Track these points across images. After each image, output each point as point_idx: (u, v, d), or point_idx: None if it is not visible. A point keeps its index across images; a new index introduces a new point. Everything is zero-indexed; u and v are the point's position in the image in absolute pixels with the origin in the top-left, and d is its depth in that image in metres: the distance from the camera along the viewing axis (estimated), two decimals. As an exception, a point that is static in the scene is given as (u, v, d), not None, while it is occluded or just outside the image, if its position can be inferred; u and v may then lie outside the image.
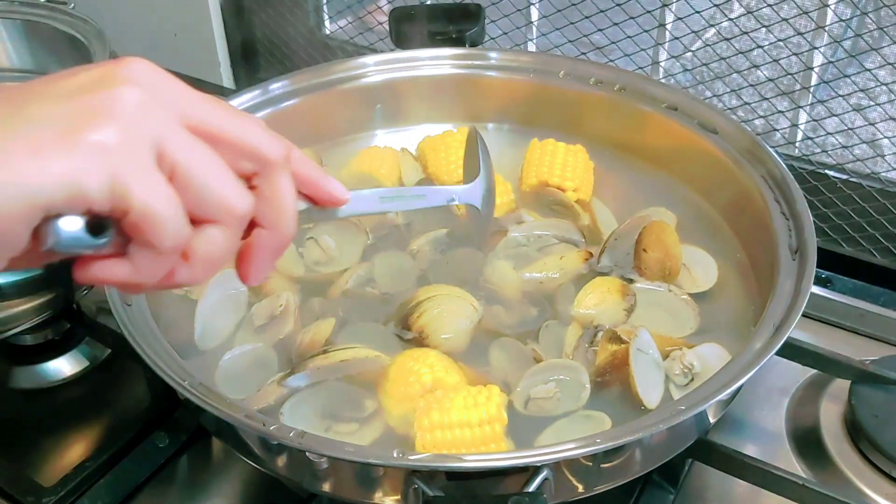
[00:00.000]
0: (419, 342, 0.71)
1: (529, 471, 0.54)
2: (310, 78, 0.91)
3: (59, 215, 0.37)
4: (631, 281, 0.76)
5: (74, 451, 0.80)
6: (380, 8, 1.28)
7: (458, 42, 0.97)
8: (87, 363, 0.88)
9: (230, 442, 0.64)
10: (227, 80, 1.39)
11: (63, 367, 0.87)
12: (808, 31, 0.95)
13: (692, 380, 0.68)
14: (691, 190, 0.86)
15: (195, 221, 0.41)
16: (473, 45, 0.98)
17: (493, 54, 0.95)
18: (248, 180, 0.44)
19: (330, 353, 0.68)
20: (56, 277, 0.80)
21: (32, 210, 0.36)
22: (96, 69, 0.40)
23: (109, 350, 0.88)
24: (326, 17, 1.36)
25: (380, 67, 0.94)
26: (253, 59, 1.39)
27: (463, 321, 0.72)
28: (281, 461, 0.62)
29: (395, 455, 0.54)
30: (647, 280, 0.76)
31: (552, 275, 0.77)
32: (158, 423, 0.80)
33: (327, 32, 1.37)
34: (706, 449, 0.70)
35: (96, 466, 0.76)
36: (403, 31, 0.99)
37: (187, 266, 0.42)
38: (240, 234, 0.43)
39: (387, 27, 0.99)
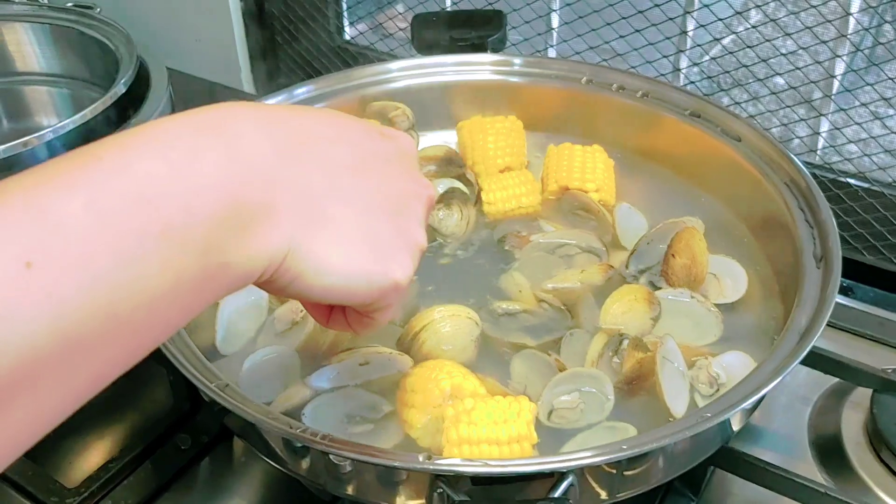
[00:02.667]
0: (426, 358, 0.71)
1: (554, 476, 0.54)
2: (334, 83, 0.92)
3: None
4: (656, 288, 0.76)
5: (98, 452, 0.81)
6: (400, 14, 1.29)
7: (479, 48, 0.97)
8: (109, 365, 0.88)
9: (254, 444, 0.64)
10: (248, 85, 1.39)
11: (86, 368, 0.88)
12: (830, 40, 0.95)
13: (717, 390, 0.68)
14: (714, 197, 0.86)
15: None
16: (495, 51, 0.98)
17: (515, 60, 0.96)
18: None
19: (353, 350, 0.68)
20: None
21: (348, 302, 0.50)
22: (397, 160, 0.50)
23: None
24: (346, 23, 1.37)
25: (402, 73, 0.95)
26: (273, 64, 1.40)
27: (464, 337, 0.72)
28: (304, 463, 0.62)
29: (420, 459, 0.54)
30: (672, 286, 0.76)
31: (572, 286, 0.77)
32: (181, 425, 0.80)
33: (347, 38, 1.38)
34: (728, 456, 0.70)
35: (119, 468, 0.76)
36: (425, 37, 0.99)
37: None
38: None
39: (406, 33, 0.99)
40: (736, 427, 0.65)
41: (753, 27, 0.98)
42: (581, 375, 0.68)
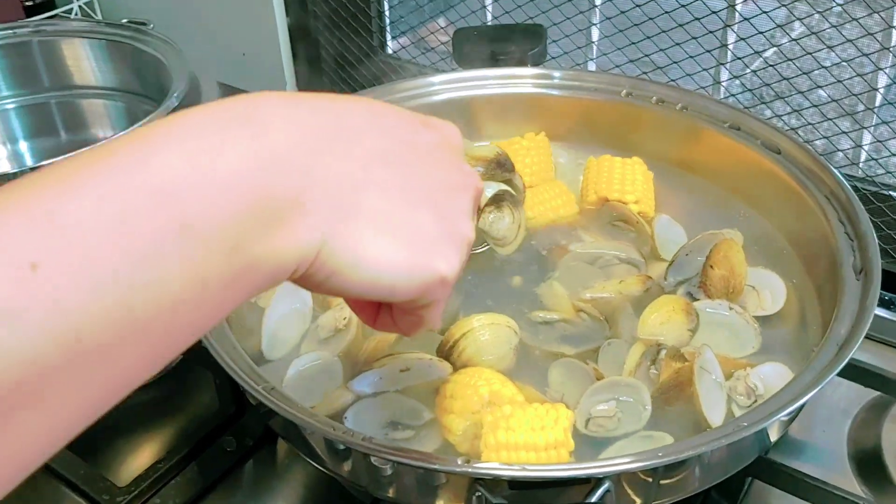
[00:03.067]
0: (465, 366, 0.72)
1: (591, 482, 0.55)
2: (378, 96, 0.93)
3: None
4: (694, 299, 0.77)
5: (146, 452, 0.83)
6: (442, 28, 1.31)
7: (519, 62, 0.99)
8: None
9: (298, 445, 0.66)
10: (293, 98, 1.42)
11: (136, 371, 0.91)
12: (873, 52, 0.95)
13: (755, 401, 0.68)
14: (753, 209, 0.86)
15: None
16: (535, 65, 1.00)
17: (555, 73, 0.97)
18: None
19: (393, 356, 0.70)
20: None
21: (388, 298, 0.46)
22: (438, 133, 0.48)
23: (181, 356, 0.91)
24: (389, 37, 1.39)
25: (444, 86, 0.96)
26: (317, 77, 1.43)
27: (503, 345, 0.73)
28: (346, 465, 0.64)
29: (459, 462, 0.56)
30: (710, 297, 0.77)
31: (611, 296, 0.78)
32: (226, 427, 0.82)
33: (390, 52, 1.40)
34: (766, 468, 0.70)
35: (167, 468, 0.78)
36: (466, 51, 1.01)
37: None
38: None
39: (447, 47, 1.01)
40: (773, 437, 0.65)
41: (795, 40, 0.98)
42: (619, 384, 0.69)
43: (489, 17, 1.24)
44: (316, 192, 0.39)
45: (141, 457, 0.83)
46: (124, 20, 0.92)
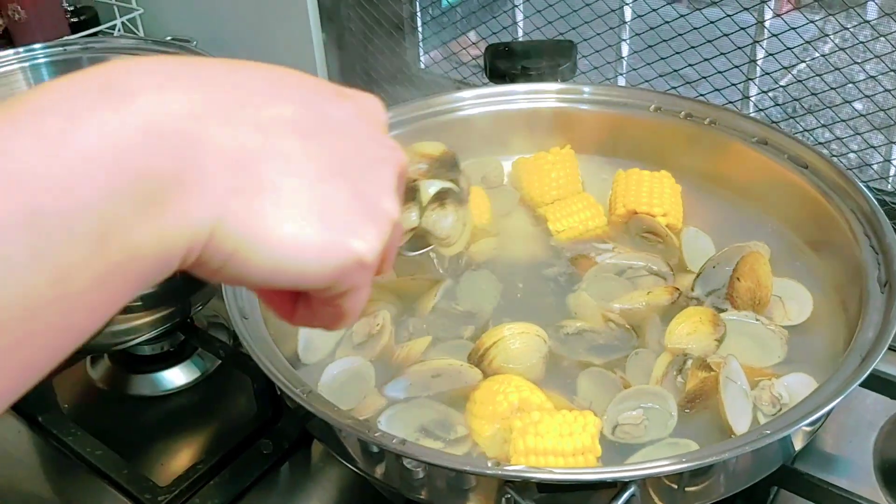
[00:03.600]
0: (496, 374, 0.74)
1: (617, 486, 0.57)
2: (412, 110, 0.96)
3: None
4: (721, 309, 0.78)
5: (186, 454, 0.86)
6: (474, 44, 1.33)
7: (550, 77, 1.01)
8: (198, 373, 0.95)
9: (334, 447, 0.68)
10: (328, 112, 1.46)
11: (177, 376, 0.94)
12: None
13: (780, 410, 0.69)
14: (780, 222, 0.88)
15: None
16: (565, 80, 1.02)
17: (585, 88, 0.99)
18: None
19: (426, 361, 0.72)
20: (174, 293, 0.87)
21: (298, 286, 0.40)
22: (359, 104, 0.43)
23: (220, 362, 0.95)
24: (421, 51, 1.42)
25: (476, 101, 0.99)
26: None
27: (532, 354, 0.75)
28: (380, 468, 0.66)
29: (489, 465, 0.58)
30: (737, 308, 0.78)
31: (638, 306, 0.79)
32: (263, 431, 0.85)
33: (422, 66, 1.43)
34: (792, 477, 0.71)
35: (206, 469, 0.81)
36: (497, 66, 1.04)
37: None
38: None
39: (478, 61, 1.04)
40: (798, 446, 0.66)
41: (824, 56, 0.99)
42: (645, 393, 0.71)
43: (520, 32, 1.26)
44: (206, 165, 0.34)
45: (181, 458, 0.85)
46: (168, 37, 0.96)
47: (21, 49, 0.90)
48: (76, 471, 0.83)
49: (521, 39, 1.25)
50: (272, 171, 0.36)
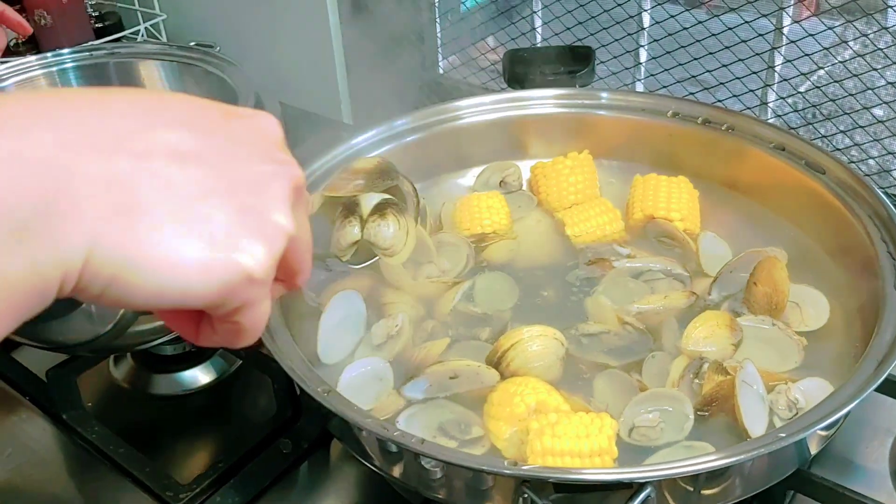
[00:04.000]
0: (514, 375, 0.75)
1: (633, 487, 0.57)
2: (430, 115, 0.98)
3: None
4: (738, 314, 0.79)
5: (207, 452, 0.88)
6: (493, 49, 1.34)
7: (568, 83, 1.01)
8: (219, 373, 0.96)
9: (353, 447, 0.69)
10: (347, 117, 1.47)
11: (198, 376, 0.95)
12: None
13: (796, 414, 0.69)
14: (798, 228, 0.88)
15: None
16: (583, 85, 1.02)
17: (603, 94, 1.00)
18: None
19: (444, 362, 0.73)
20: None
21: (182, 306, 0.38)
22: (247, 120, 0.43)
23: (240, 362, 0.96)
24: (440, 57, 1.44)
25: (494, 106, 1.00)
26: (371, 97, 1.47)
27: (550, 356, 0.75)
28: (398, 467, 0.67)
29: (506, 464, 0.58)
30: (754, 313, 0.79)
31: (655, 309, 0.80)
32: (283, 430, 0.86)
33: (441, 72, 1.44)
34: (807, 481, 0.71)
35: (227, 468, 0.82)
36: (516, 72, 1.05)
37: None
38: None
39: (496, 66, 1.05)
40: (813, 450, 0.66)
41: (843, 62, 1.00)
42: (662, 396, 0.71)
43: (539, 38, 1.27)
44: (77, 193, 0.34)
45: (202, 457, 0.87)
46: (192, 43, 0.97)
47: (49, 54, 0.92)
48: (99, 468, 0.85)
49: (539, 45, 1.26)
50: (147, 193, 0.36)
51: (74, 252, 0.34)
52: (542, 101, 1.00)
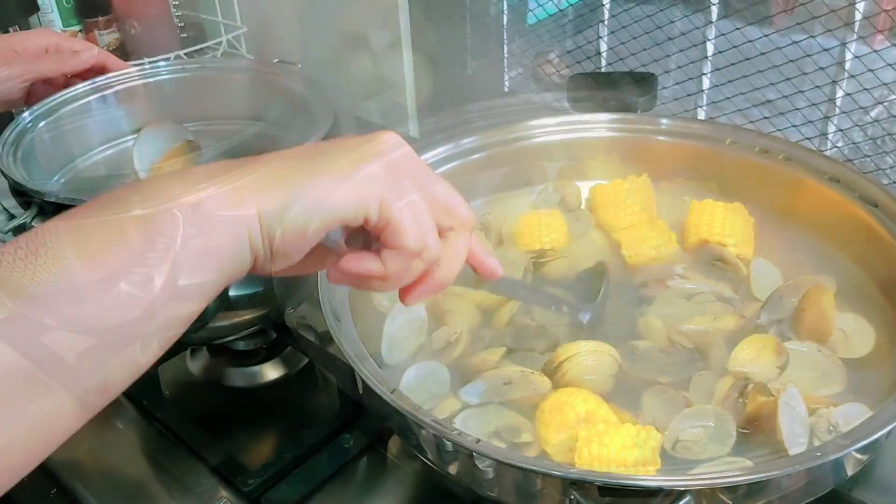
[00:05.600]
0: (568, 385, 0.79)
1: (673, 495, 0.61)
2: (495, 135, 1.02)
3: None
4: (785, 338, 0.82)
5: (274, 443, 0.93)
6: (553, 65, 1.39)
7: (630, 108, 1.05)
8: (287, 369, 1.02)
9: (413, 444, 0.74)
10: (414, 131, 1.53)
11: (268, 371, 1.02)
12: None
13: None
14: (849, 258, 0.90)
15: None
16: (645, 111, 1.06)
17: (663, 120, 1.03)
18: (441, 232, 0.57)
19: (499, 368, 0.78)
20: (270, 297, 0.93)
21: (334, 222, 0.51)
22: (367, 137, 0.55)
23: (307, 360, 1.02)
24: (506, 73, 1.49)
25: (558, 128, 1.04)
26: (437, 111, 1.53)
27: (603, 371, 0.80)
28: (454, 466, 0.71)
29: (555, 466, 0.63)
30: (800, 338, 0.82)
31: (705, 330, 0.83)
32: (345, 426, 0.91)
33: (506, 88, 1.49)
34: (845, 502, 0.74)
35: (292, 458, 0.87)
36: (580, 95, 1.09)
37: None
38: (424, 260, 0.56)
39: (558, 77, 1.08)
40: (850, 471, 0.69)
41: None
42: (707, 413, 0.75)
43: (604, 62, 1.31)
44: (250, 190, 0.49)
45: (269, 446, 0.93)
46: (276, 60, 1.04)
47: (147, 65, 0.99)
48: (175, 451, 0.91)
49: (604, 69, 1.30)
50: (278, 164, 0.52)
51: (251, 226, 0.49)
52: (604, 124, 1.04)
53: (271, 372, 1.02)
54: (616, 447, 0.69)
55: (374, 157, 0.53)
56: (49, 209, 0.79)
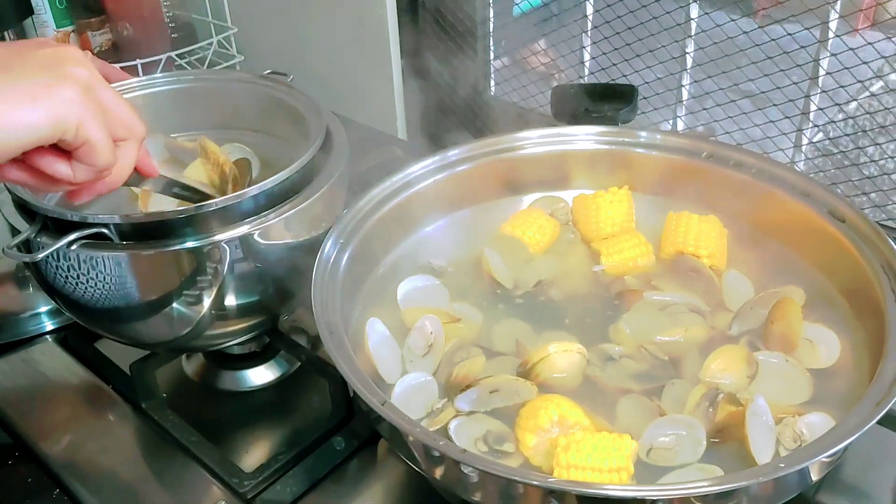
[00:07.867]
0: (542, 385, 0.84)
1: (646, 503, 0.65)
2: (481, 147, 1.06)
3: None
4: (755, 348, 0.86)
5: (267, 445, 0.97)
6: (542, 63, 1.42)
7: (611, 120, 1.09)
8: (280, 373, 1.06)
9: (400, 449, 0.77)
10: (402, 133, 1.57)
11: (261, 374, 1.05)
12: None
13: (800, 445, 0.77)
14: (818, 270, 0.93)
15: None
16: (625, 122, 1.10)
17: (642, 133, 1.07)
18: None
19: (491, 377, 0.82)
20: (269, 306, 0.97)
21: (32, 143, 0.59)
22: (50, 49, 0.61)
23: (299, 364, 1.06)
24: (492, 80, 1.52)
25: (541, 140, 1.08)
26: (425, 114, 1.57)
27: (574, 368, 0.85)
28: (440, 470, 0.75)
29: (535, 476, 0.67)
30: (769, 349, 0.86)
31: (677, 341, 0.87)
32: (337, 429, 0.95)
33: (492, 94, 1.53)
34: (810, 505, 0.79)
35: (286, 460, 0.91)
36: (563, 107, 1.12)
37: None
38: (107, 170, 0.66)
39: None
40: (815, 477, 0.73)
41: (868, 113, 1.06)
42: (678, 421, 0.79)
43: (586, 71, 1.35)
44: None
45: (263, 448, 0.97)
46: (267, 71, 1.07)
47: (144, 78, 1.02)
48: (172, 452, 0.95)
49: (586, 79, 1.34)
50: None
51: None
52: (586, 137, 1.08)
53: (265, 375, 1.05)
54: (591, 454, 0.73)
55: (69, 81, 0.59)
56: (52, 224, 0.82)
